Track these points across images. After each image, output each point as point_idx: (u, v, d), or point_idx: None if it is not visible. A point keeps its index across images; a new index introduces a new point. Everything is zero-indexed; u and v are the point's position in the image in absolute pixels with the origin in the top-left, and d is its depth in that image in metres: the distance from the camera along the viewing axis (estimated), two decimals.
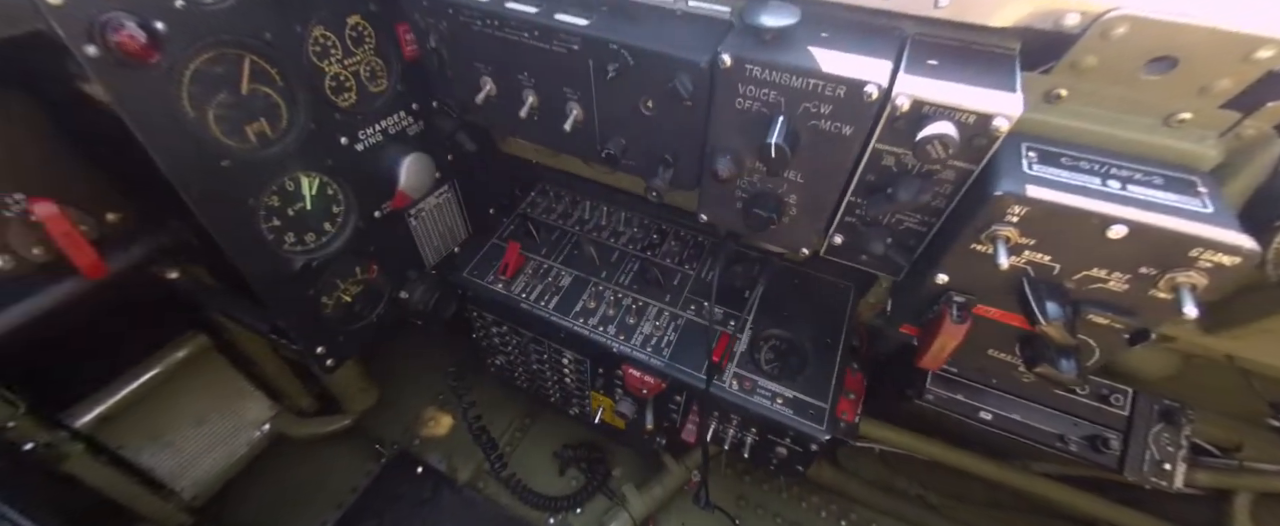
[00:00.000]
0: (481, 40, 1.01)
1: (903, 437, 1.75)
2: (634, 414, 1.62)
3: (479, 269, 1.63)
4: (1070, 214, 0.62)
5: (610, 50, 0.88)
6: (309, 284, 1.18)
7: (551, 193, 1.88)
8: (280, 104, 1.01)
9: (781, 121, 0.77)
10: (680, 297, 1.54)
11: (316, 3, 0.99)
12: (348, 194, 1.21)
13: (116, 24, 0.73)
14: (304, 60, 1.01)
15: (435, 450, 2.25)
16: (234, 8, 0.86)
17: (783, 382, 1.36)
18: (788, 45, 0.76)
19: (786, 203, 0.90)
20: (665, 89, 0.87)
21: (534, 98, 1.05)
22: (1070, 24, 0.66)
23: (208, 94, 0.89)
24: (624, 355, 1.44)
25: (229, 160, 0.94)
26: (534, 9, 0.93)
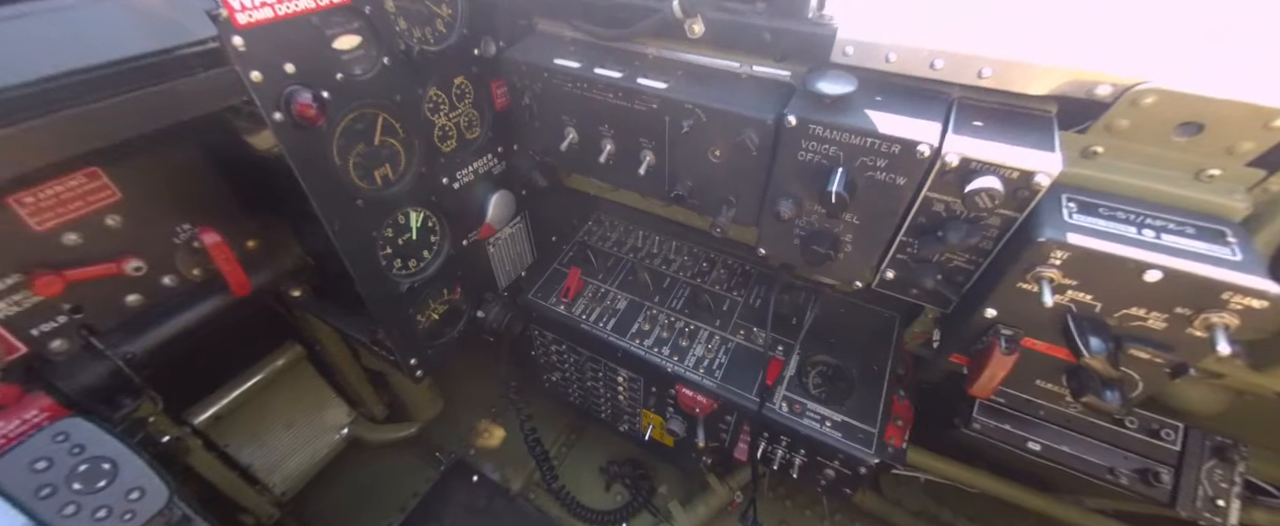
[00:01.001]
0: (570, 98, 1.17)
1: (950, 467, 1.76)
2: (684, 432, 1.70)
3: (543, 291, 1.77)
4: (1108, 259, 0.70)
5: (686, 109, 1.02)
6: (410, 303, 1.34)
7: (607, 222, 2.02)
8: (401, 152, 1.18)
9: (841, 172, 0.88)
10: (730, 323, 1.63)
11: (434, 69, 1.17)
12: (444, 226, 1.38)
13: (298, 96, 0.91)
14: (421, 115, 1.19)
15: (489, 460, 2.37)
16: (376, 77, 1.05)
17: (831, 406, 1.43)
18: (846, 108, 0.88)
19: (842, 240, 1.00)
20: (733, 141, 1.00)
21: (612, 145, 1.20)
22: (1102, 93, 0.75)
23: (350, 146, 1.07)
24: (678, 375, 1.53)
25: (361, 199, 1.11)
26: (619, 74, 1.08)
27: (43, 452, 0.83)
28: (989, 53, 0.81)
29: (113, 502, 0.85)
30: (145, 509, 0.87)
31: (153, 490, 0.89)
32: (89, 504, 0.84)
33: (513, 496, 2.25)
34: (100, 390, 1.05)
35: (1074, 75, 0.76)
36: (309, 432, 1.96)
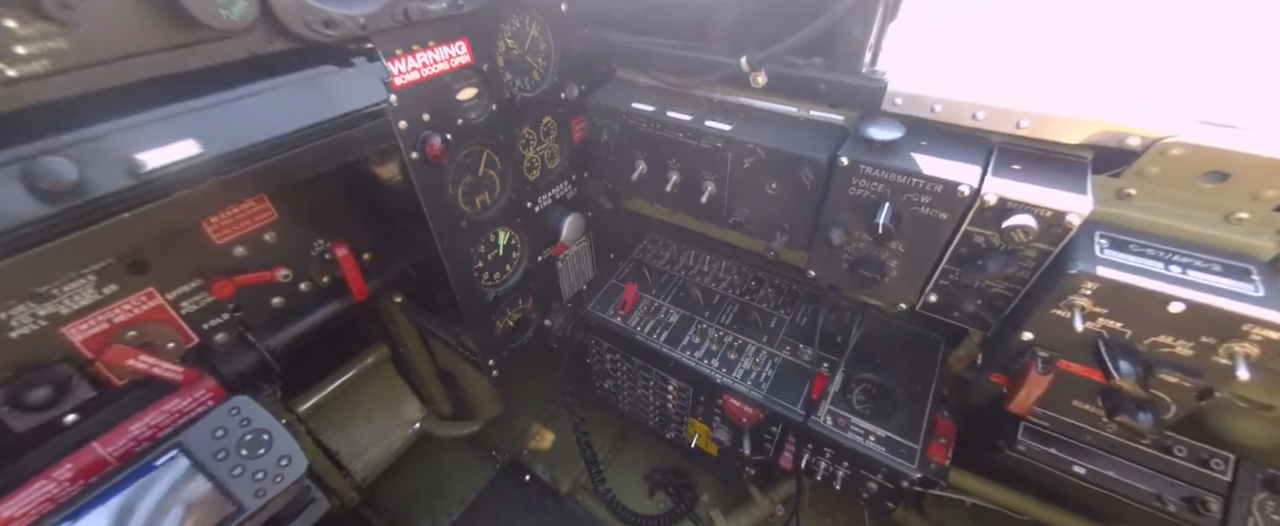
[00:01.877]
0: (643, 136, 1.34)
1: (993, 490, 1.77)
2: (729, 441, 1.80)
3: (601, 303, 1.93)
4: (1134, 291, 0.79)
5: (748, 147, 1.16)
6: (492, 311, 1.52)
7: (660, 242, 2.17)
8: (497, 181, 1.38)
9: (888, 206, 1.00)
10: (776, 339, 1.74)
11: (529, 111, 1.37)
12: (524, 244, 1.56)
13: (431, 139, 1.10)
14: (515, 150, 1.38)
15: (540, 461, 2.52)
16: (486, 120, 1.24)
17: (875, 422, 1.50)
18: (894, 151, 1.00)
19: (888, 266, 1.11)
20: (790, 176, 1.13)
21: (677, 177, 1.35)
22: (1133, 144, 0.85)
23: (459, 177, 1.27)
24: (726, 386, 1.65)
25: (465, 221, 1.30)
26: (688, 116, 1.24)
27: (221, 423, 1.03)
28: (1026, 106, 0.92)
29: (267, 468, 1.05)
30: (289, 475, 1.06)
31: (296, 460, 1.08)
32: (250, 467, 1.03)
33: (562, 496, 2.39)
34: (248, 376, 1.26)
35: (1105, 127, 0.86)
36: (387, 425, 2.16)
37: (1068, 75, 1.00)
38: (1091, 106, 0.88)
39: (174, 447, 0.97)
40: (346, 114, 0.87)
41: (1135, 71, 0.98)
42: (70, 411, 1.00)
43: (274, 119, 0.78)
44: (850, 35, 1.01)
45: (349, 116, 0.88)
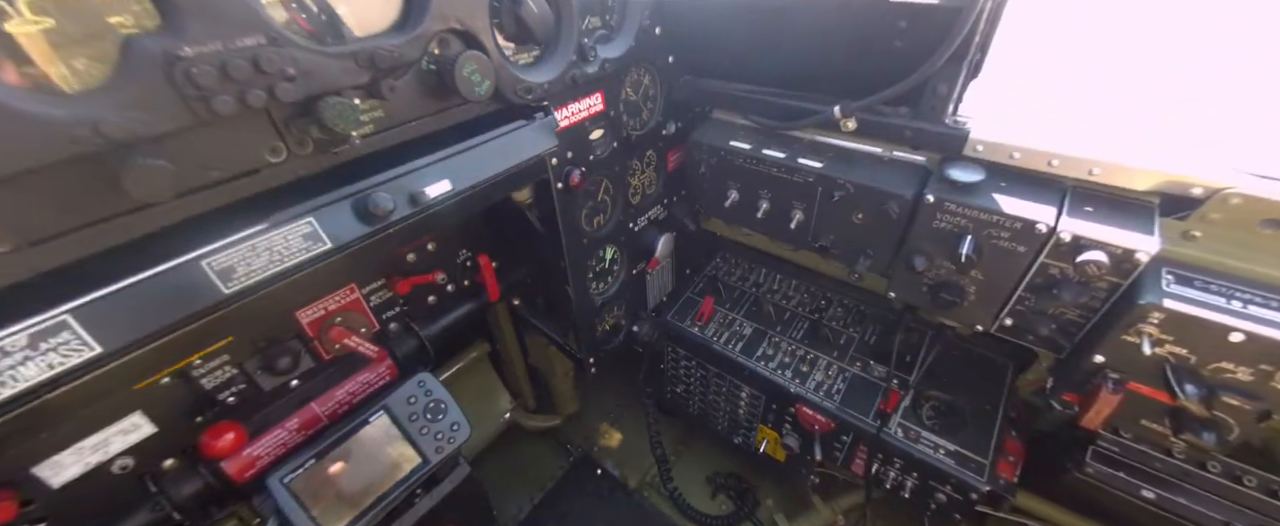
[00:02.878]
0: (738, 170, 1.55)
1: (1061, 515, 1.82)
2: (799, 448, 1.95)
3: (679, 314, 2.13)
4: (1197, 322, 0.91)
5: (838, 183, 1.35)
6: (596, 315, 1.76)
7: (731, 260, 2.37)
8: (610, 206, 1.63)
9: (970, 239, 1.16)
10: (846, 355, 1.89)
11: (639, 147, 1.62)
12: (624, 259, 1.80)
13: (572, 172, 1.36)
14: (625, 179, 1.63)
15: (609, 458, 2.74)
16: (610, 155, 1.49)
17: (944, 437, 1.62)
18: (976, 191, 1.16)
19: (967, 291, 1.26)
20: (876, 209, 1.31)
21: (768, 205, 1.55)
22: (1196, 193, 0.98)
23: (584, 202, 1.53)
24: (799, 396, 1.80)
25: (586, 239, 1.55)
26: (782, 154, 1.45)
27: (412, 393, 1.31)
28: (1097, 156, 1.07)
29: (443, 430, 1.31)
30: (459, 437, 1.32)
31: (463, 426, 1.34)
32: (432, 429, 1.30)
33: (630, 491, 2.59)
34: (412, 358, 1.54)
35: (1169, 178, 0.99)
36: (482, 414, 2.44)
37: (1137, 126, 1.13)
38: (1157, 158, 1.01)
39: (381, 409, 1.26)
40: (532, 157, 1.14)
41: (1200, 122, 1.10)
42: (296, 377, 1.31)
43: (492, 162, 1.05)
44: (935, 90, 1.19)
45: (533, 159, 1.14)
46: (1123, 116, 1.19)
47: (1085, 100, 1.27)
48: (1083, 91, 1.35)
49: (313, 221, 0.82)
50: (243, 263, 0.76)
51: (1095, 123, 1.16)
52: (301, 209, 0.81)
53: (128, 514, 1.10)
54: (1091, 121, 1.16)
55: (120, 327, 0.66)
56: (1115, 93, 1.31)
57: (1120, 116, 1.20)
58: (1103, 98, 1.36)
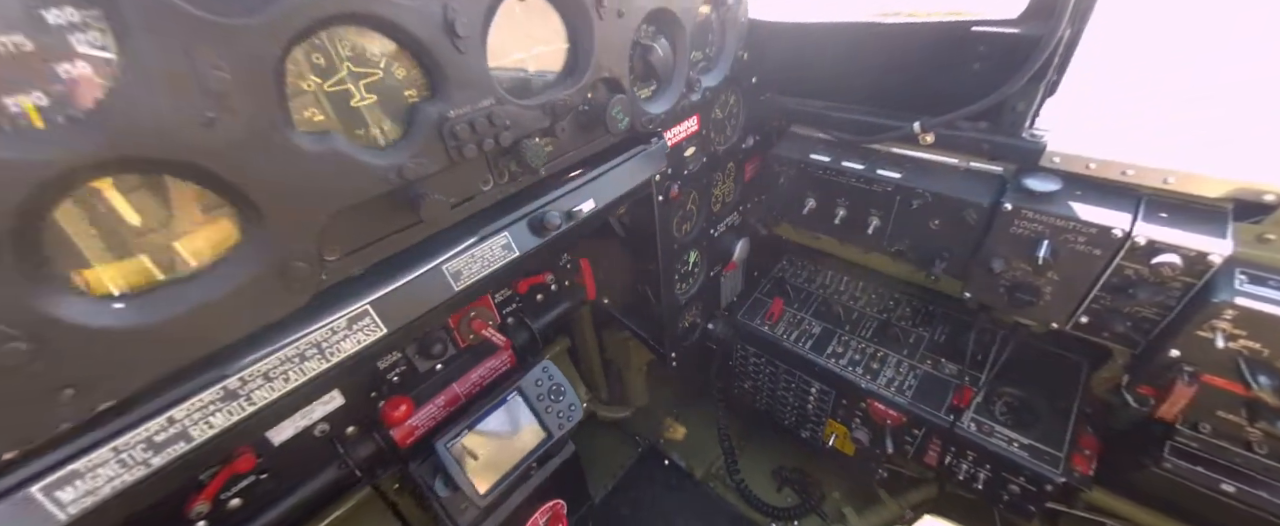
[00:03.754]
0: (816, 180, 1.71)
1: (1137, 511, 1.86)
2: (869, 442, 2.07)
3: (748, 313, 2.30)
4: (1270, 318, 1.02)
5: (917, 192, 1.50)
6: (680, 313, 1.96)
7: (797, 263, 2.52)
8: (696, 214, 1.82)
9: (1047, 243, 1.28)
10: (917, 353, 2.01)
11: (723, 160, 1.81)
12: (704, 261, 1.99)
13: (671, 186, 1.56)
14: (709, 190, 1.82)
15: (674, 450, 2.92)
16: (700, 169, 1.69)
17: (1018, 431, 1.72)
18: (1053, 199, 1.29)
19: (1043, 291, 1.38)
20: (953, 216, 1.45)
21: (845, 212, 1.71)
22: (1269, 199, 1.08)
23: (676, 211, 1.73)
24: (871, 391, 1.94)
25: (676, 244, 1.76)
26: (861, 166, 1.60)
27: (538, 377, 1.55)
28: (1171, 166, 1.18)
29: (563, 410, 1.54)
30: (574, 416, 1.54)
31: (578, 407, 1.56)
32: (554, 408, 1.53)
33: (697, 481, 2.76)
34: (526, 348, 1.78)
35: (1242, 186, 1.10)
36: None
37: (1209, 135, 1.23)
38: (1230, 166, 1.12)
39: (514, 390, 1.49)
40: (649, 176, 1.35)
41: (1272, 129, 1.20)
42: (441, 362, 1.56)
43: (622, 182, 1.27)
44: (1014, 107, 1.33)
45: (650, 178, 1.36)
46: (1200, 123, 1.29)
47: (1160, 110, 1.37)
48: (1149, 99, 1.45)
49: (507, 235, 1.05)
50: (466, 267, 1.00)
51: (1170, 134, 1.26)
52: (500, 225, 1.05)
53: (321, 469, 1.37)
54: (1166, 131, 1.27)
55: (396, 315, 0.91)
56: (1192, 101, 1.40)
57: (1197, 122, 1.30)
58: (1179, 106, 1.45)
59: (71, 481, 0.63)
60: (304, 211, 0.74)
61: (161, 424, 0.69)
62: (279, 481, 1.27)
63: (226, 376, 0.74)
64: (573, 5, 1.03)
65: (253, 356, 0.76)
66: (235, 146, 0.64)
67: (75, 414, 0.62)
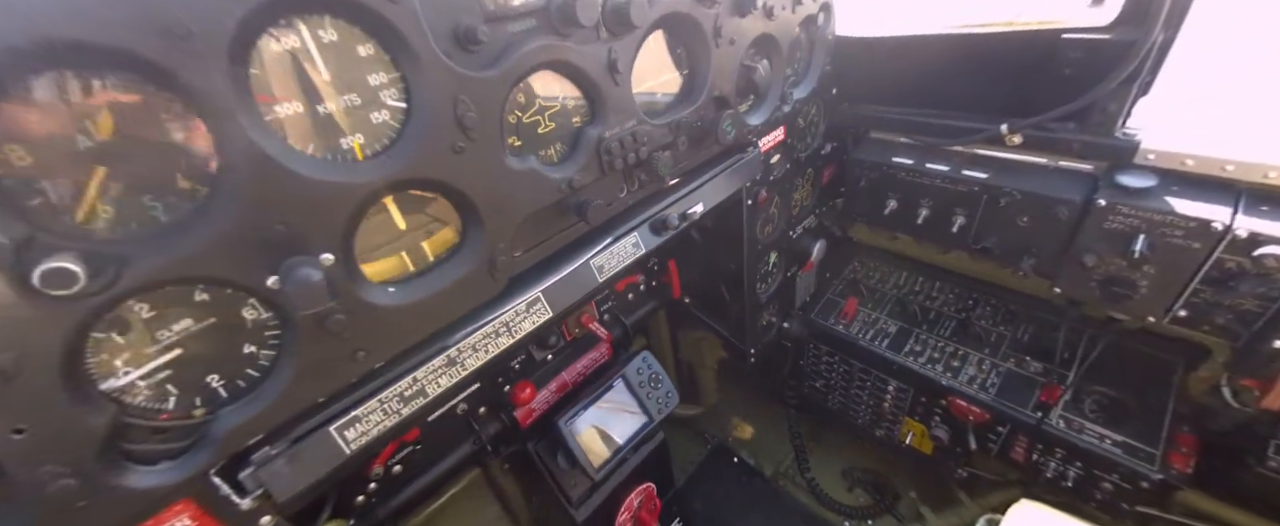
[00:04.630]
0: (899, 182, 1.81)
1: (1238, 515, 1.82)
2: (948, 440, 2.12)
3: (821, 313, 2.39)
4: None
5: (1005, 191, 1.57)
6: (762, 311, 2.09)
7: (869, 263, 2.58)
8: (777, 216, 1.95)
9: (1143, 237, 1.34)
10: (999, 351, 2.04)
11: (804, 166, 1.93)
12: (782, 262, 2.11)
13: (759, 191, 1.70)
14: (790, 194, 1.95)
15: (742, 449, 3.02)
16: (783, 175, 1.82)
17: (1110, 428, 1.74)
18: (1148, 195, 1.34)
19: (1139, 285, 1.43)
20: (1043, 213, 1.52)
21: (928, 212, 1.80)
22: None
23: (763, 213, 1.86)
24: (952, 388, 1.99)
25: (759, 245, 1.89)
26: (946, 167, 1.69)
27: (638, 366, 1.71)
28: (1274, 161, 1.22)
29: (660, 397, 1.69)
30: (671, 403, 1.70)
31: (674, 395, 1.71)
32: (653, 396, 1.68)
33: (766, 479, 2.85)
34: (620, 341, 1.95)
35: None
36: None
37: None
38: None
39: (620, 378, 1.66)
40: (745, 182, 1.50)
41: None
42: (552, 352, 1.75)
43: (723, 188, 1.43)
44: (1105, 108, 1.39)
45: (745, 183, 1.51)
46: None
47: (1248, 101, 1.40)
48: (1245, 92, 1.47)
49: (636, 234, 1.23)
50: (607, 262, 1.18)
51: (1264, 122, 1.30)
52: (631, 226, 1.22)
53: (459, 443, 1.57)
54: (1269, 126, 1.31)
55: (558, 301, 1.09)
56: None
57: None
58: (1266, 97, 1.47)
59: (353, 424, 0.83)
60: (508, 217, 0.93)
61: (408, 382, 0.89)
62: (428, 453, 1.48)
63: (448, 347, 0.93)
64: (696, 38, 1.20)
65: (464, 332, 0.95)
66: (473, 168, 0.84)
67: (362, 371, 0.82)
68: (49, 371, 0.56)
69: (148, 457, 0.67)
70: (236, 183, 0.62)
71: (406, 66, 0.75)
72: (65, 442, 0.58)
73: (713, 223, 1.84)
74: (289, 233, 0.67)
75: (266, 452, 0.76)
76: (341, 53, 0.71)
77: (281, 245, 0.67)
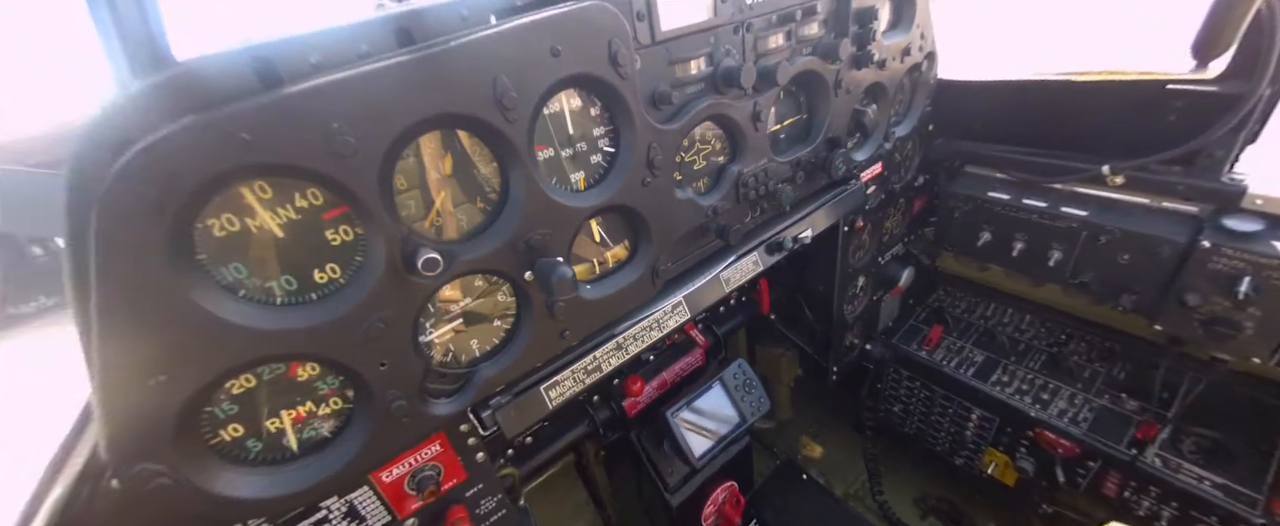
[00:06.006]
0: (994, 215, 1.93)
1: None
2: (1034, 471, 2.15)
3: (904, 339, 2.49)
4: None
5: (1105, 228, 1.67)
6: (846, 332, 2.24)
7: (955, 293, 2.66)
8: (868, 242, 2.11)
9: (1249, 279, 1.40)
10: (1092, 387, 2.07)
11: (898, 195, 2.08)
12: (869, 286, 2.26)
13: (857, 219, 1.88)
14: (882, 222, 2.11)
15: (812, 467, 3.11)
16: (878, 205, 1.99)
17: (1210, 470, 1.74)
18: (1255, 239, 1.41)
19: (1243, 325, 1.48)
20: (1145, 252, 1.60)
21: (1022, 246, 1.90)
22: None
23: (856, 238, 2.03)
24: (1041, 420, 2.04)
25: (850, 269, 2.05)
26: (1044, 204, 1.80)
27: (734, 372, 1.92)
28: None
29: (752, 401, 1.88)
30: (763, 407, 1.88)
31: (766, 402, 1.90)
32: (746, 399, 1.88)
33: (836, 498, 2.93)
34: (711, 350, 2.16)
35: None
36: None
37: None
38: None
39: (717, 381, 1.88)
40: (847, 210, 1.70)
41: None
42: (655, 353, 1.99)
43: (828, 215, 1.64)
44: (1213, 155, 1.48)
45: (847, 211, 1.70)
46: None
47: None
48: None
49: (757, 254, 1.46)
50: (732, 276, 1.41)
51: None
52: (752, 246, 1.46)
53: (576, 424, 1.83)
54: None
55: (695, 305, 1.33)
56: None
57: None
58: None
59: (554, 386, 1.11)
60: (669, 235, 1.19)
61: (589, 359, 1.15)
62: (552, 429, 1.75)
63: (616, 335, 1.19)
64: (819, 90, 1.43)
65: (627, 324, 1.21)
66: (654, 197, 1.10)
67: (565, 347, 1.10)
68: (406, 326, 0.85)
69: (436, 394, 0.96)
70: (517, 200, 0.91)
71: (620, 122, 1.02)
72: (404, 376, 0.87)
73: (808, 245, 2.04)
74: (541, 240, 0.95)
75: (499, 400, 1.04)
76: (582, 113, 0.99)
77: (534, 249, 0.95)
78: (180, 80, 0.61)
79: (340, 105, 0.67)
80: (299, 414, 0.84)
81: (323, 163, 0.69)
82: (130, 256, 0.60)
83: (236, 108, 0.62)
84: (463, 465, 1.10)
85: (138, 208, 0.58)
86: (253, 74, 0.65)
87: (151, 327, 0.63)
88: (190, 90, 0.61)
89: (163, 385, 0.66)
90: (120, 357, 0.62)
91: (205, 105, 0.61)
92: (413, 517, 1.06)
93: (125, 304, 0.61)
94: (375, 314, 0.80)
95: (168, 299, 0.64)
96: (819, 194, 1.64)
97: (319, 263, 0.78)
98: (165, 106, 0.60)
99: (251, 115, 0.62)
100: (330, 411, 0.87)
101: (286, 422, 0.83)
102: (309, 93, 0.65)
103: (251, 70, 0.65)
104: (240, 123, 0.62)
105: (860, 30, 1.40)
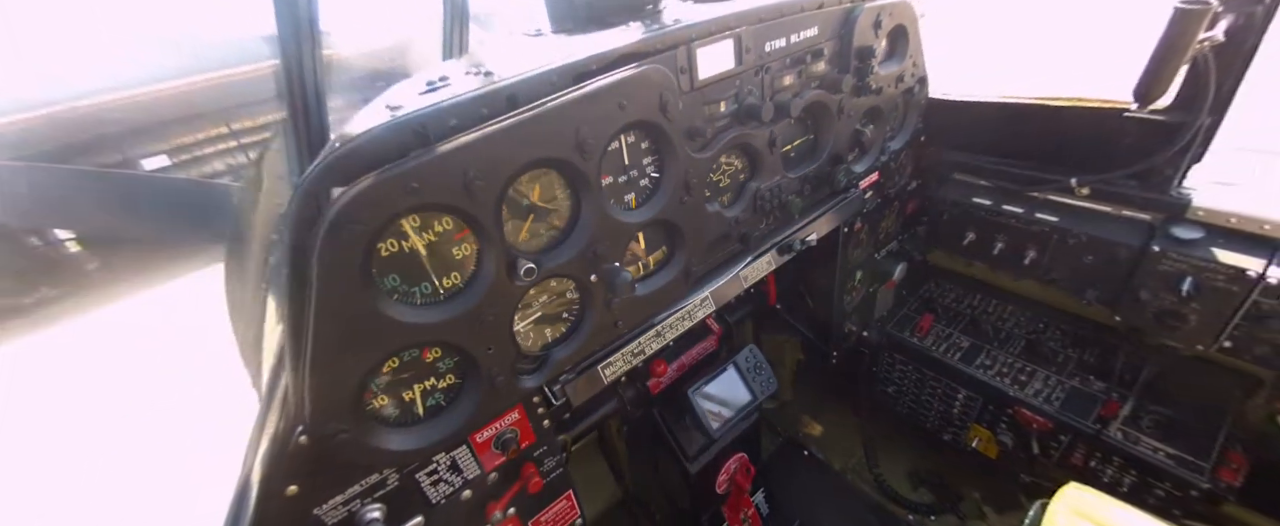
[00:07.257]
0: (978, 219, 2.17)
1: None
2: (1013, 445, 2.42)
3: (898, 326, 2.74)
4: None
5: (1073, 233, 1.91)
6: (845, 320, 2.49)
7: (944, 285, 2.91)
8: (866, 241, 2.36)
9: (1190, 279, 1.65)
10: (1065, 370, 2.33)
11: (894, 198, 2.32)
12: (867, 279, 2.51)
13: (858, 220, 2.12)
14: (879, 223, 2.35)
15: (812, 444, 3.39)
16: (876, 207, 2.23)
17: (1164, 442, 2.01)
18: (1196, 246, 1.65)
19: (1188, 318, 1.73)
20: (1106, 254, 1.85)
21: (1002, 246, 2.14)
22: None
23: (855, 238, 2.27)
24: (1019, 399, 2.30)
25: (849, 264, 2.30)
26: (1021, 210, 2.04)
27: (746, 356, 2.18)
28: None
29: (762, 381, 2.15)
30: (770, 387, 2.15)
31: (774, 382, 2.17)
32: (757, 379, 2.15)
33: (836, 472, 3.21)
34: (723, 337, 2.42)
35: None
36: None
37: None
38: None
39: (731, 363, 2.14)
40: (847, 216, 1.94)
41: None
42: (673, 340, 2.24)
43: (831, 221, 1.88)
44: (1163, 172, 1.72)
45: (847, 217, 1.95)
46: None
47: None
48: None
49: (771, 254, 1.70)
50: (749, 274, 1.67)
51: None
52: (765, 248, 1.70)
53: (610, 400, 2.10)
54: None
55: (719, 299, 1.59)
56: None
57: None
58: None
59: (608, 366, 1.37)
60: (700, 242, 1.44)
61: (636, 344, 1.41)
62: (589, 403, 2.01)
63: (655, 325, 1.45)
64: (824, 116, 1.66)
65: (665, 315, 1.47)
66: (689, 212, 1.35)
67: (619, 334, 1.35)
68: (507, 319, 1.11)
69: (521, 372, 1.22)
70: (587, 219, 1.16)
71: (665, 153, 1.26)
72: (503, 357, 1.13)
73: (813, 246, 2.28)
74: (603, 249, 1.20)
75: (567, 377, 1.30)
76: (635, 147, 1.24)
77: (599, 257, 1.20)
78: (365, 147, 0.86)
79: (474, 156, 0.92)
80: (425, 387, 1.10)
81: (462, 199, 0.93)
82: (340, 274, 0.85)
83: (407, 165, 0.86)
84: (533, 430, 1.36)
85: (349, 238, 0.83)
86: (414, 137, 0.89)
87: (347, 325, 0.89)
88: (374, 153, 0.86)
89: (348, 365, 0.92)
90: (325, 346, 0.88)
91: (379, 163, 0.85)
92: (495, 471, 1.33)
93: (333, 308, 0.86)
94: (487, 310, 1.05)
95: (358, 303, 0.89)
96: (823, 202, 1.88)
97: (447, 271, 1.04)
98: (350, 168, 0.85)
99: (416, 169, 0.87)
100: (445, 385, 1.13)
101: (417, 394, 1.09)
102: (455, 150, 0.90)
103: (413, 135, 0.89)
104: (411, 174, 0.86)
105: (860, 65, 1.63)
